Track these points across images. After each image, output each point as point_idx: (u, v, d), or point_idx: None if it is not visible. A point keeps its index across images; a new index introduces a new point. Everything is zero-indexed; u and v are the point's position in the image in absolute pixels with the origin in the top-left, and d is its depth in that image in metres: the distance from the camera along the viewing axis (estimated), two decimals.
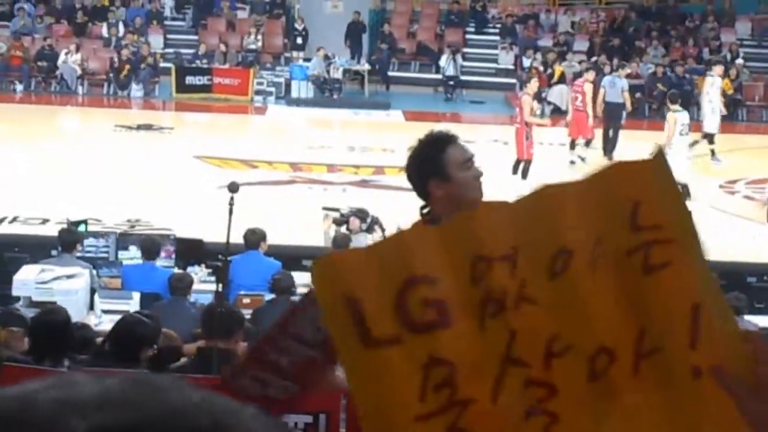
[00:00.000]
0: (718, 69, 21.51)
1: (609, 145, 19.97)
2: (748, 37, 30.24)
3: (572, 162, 19.36)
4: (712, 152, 19.88)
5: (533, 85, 17.89)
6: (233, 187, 6.25)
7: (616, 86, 20.84)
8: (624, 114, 20.64)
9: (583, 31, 29.69)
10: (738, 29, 30.27)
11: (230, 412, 0.83)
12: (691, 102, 25.23)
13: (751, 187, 18.30)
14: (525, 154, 17.06)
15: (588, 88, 19.43)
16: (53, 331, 5.76)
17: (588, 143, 19.89)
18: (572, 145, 19.75)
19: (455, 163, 3.94)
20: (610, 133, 20.11)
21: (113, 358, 5.89)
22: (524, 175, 17.06)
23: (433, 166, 3.94)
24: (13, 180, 16.36)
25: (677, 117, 16.81)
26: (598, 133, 20.16)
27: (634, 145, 18.07)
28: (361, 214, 12.78)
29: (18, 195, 15.37)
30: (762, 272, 12.78)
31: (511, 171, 17.18)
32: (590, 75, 20.12)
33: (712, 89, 20.46)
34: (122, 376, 0.85)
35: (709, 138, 19.97)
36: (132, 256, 11.15)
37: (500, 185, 16.81)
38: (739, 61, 28.04)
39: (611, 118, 20.13)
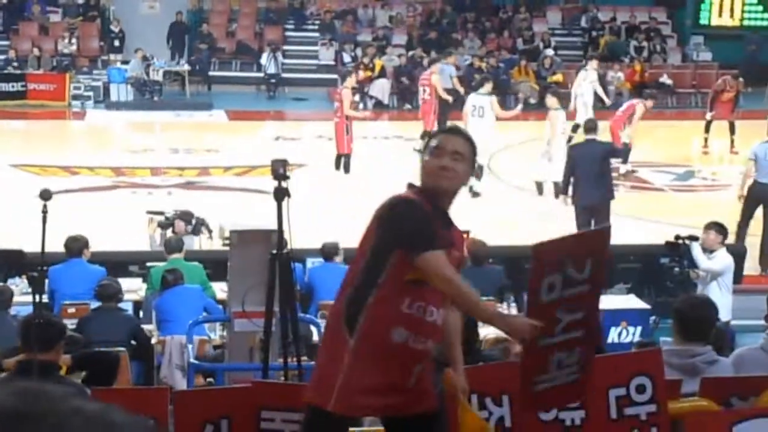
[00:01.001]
0: (594, 63, 21.63)
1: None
2: (559, 26, 31.16)
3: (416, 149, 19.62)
4: None
5: (352, 78, 17.98)
6: (45, 195, 6.13)
7: (445, 73, 21.18)
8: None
9: (401, 25, 30.07)
10: (549, 19, 31.16)
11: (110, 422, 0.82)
12: (507, 92, 25.93)
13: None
14: (346, 148, 17.19)
15: (435, 79, 19.61)
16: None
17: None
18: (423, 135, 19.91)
19: (429, 148, 4.52)
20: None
21: None
22: (346, 169, 17.20)
23: (423, 148, 4.64)
24: None
25: (559, 115, 16.61)
26: None
27: None
28: (186, 216, 12.68)
29: None
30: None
31: (334, 166, 17.29)
32: (436, 67, 20.31)
33: (585, 83, 20.56)
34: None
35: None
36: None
37: (324, 180, 16.97)
38: (550, 50, 28.87)
39: (446, 104, 20.33)
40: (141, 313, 10.43)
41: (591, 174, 13.63)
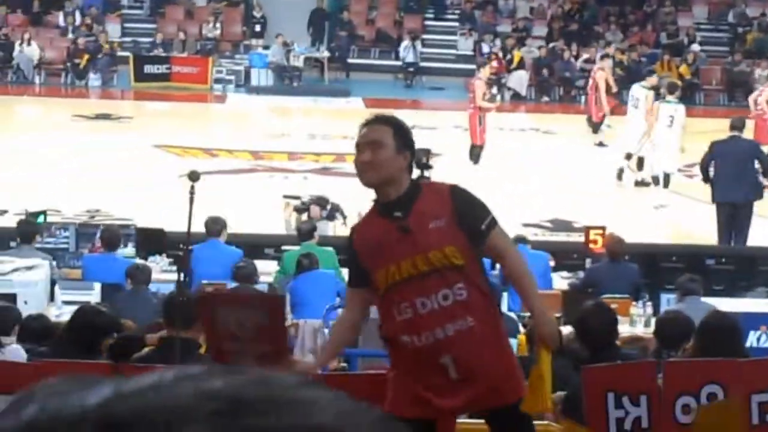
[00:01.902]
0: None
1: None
2: (705, 21, 30.45)
3: (600, 143, 19.57)
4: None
5: (486, 70, 17.89)
6: (194, 176, 6.20)
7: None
8: None
9: (542, 17, 29.77)
10: (695, 13, 30.47)
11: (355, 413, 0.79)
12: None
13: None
14: (478, 139, 17.10)
15: (600, 76, 19.35)
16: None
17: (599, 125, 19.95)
18: (595, 129, 19.90)
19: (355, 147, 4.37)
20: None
21: (72, 348, 5.86)
22: (476, 160, 17.09)
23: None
24: None
25: (663, 107, 15.91)
26: None
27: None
28: (321, 201, 12.78)
29: None
30: (720, 254, 12.90)
31: (468, 157, 17.19)
32: (604, 63, 20.04)
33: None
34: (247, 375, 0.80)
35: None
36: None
37: (460, 171, 16.90)
38: (695, 46, 28.23)
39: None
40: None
41: (732, 171, 13.27)
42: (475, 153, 17.09)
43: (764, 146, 14.94)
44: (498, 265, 11.06)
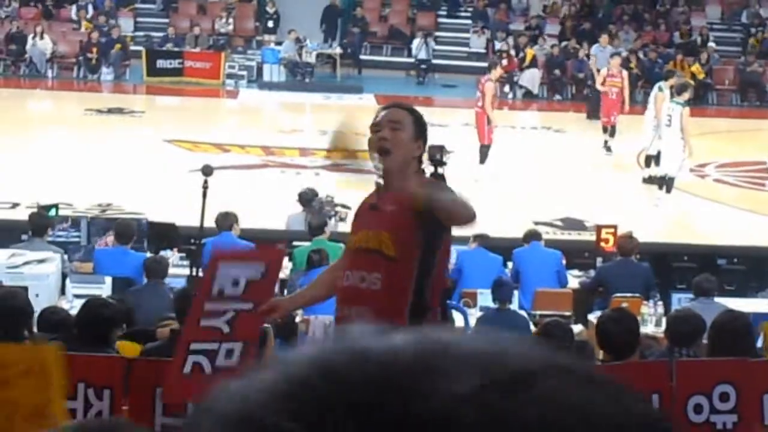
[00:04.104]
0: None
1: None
2: (718, 21, 30.37)
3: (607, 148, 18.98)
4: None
5: (497, 71, 17.73)
6: (207, 170, 6.22)
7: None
8: None
9: (555, 15, 29.72)
10: (708, 13, 30.38)
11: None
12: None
13: (720, 171, 18.41)
14: (486, 139, 17.02)
15: (624, 74, 19.10)
16: (12, 314, 5.75)
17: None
18: (604, 130, 19.18)
19: (370, 128, 4.43)
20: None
21: (82, 341, 5.85)
22: (483, 160, 16.99)
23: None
24: None
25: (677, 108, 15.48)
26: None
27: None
28: (330, 198, 12.81)
29: None
30: (732, 255, 12.87)
31: (479, 160, 17.03)
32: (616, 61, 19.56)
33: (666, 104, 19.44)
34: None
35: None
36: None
37: (470, 168, 16.89)
38: (711, 44, 28.15)
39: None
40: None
41: None
42: (483, 152, 17.01)
43: None
44: (510, 264, 11.14)
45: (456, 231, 4.56)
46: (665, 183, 15.60)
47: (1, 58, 26.34)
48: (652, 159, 16.61)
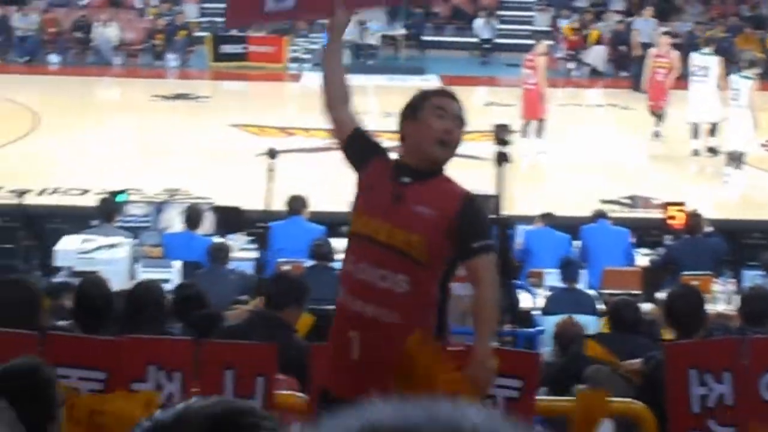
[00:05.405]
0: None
1: None
2: None
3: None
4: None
5: (543, 45, 17.69)
6: (272, 154, 6.24)
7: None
8: None
9: None
10: None
11: None
12: (730, 61, 24.94)
13: None
14: (543, 112, 16.96)
15: (673, 54, 18.28)
16: (97, 302, 5.78)
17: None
18: (652, 114, 18.52)
19: (429, 107, 4.15)
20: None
21: (132, 321, 5.85)
22: (539, 134, 16.94)
23: (412, 109, 4.23)
24: (53, 151, 16.47)
25: (739, 80, 15.36)
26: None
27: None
28: None
29: (57, 166, 15.48)
30: None
31: (535, 135, 16.94)
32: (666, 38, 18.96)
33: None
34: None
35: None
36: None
37: (531, 147, 16.79)
38: None
39: None
40: None
41: None
42: (541, 126, 16.94)
43: None
44: (578, 242, 11.04)
45: (519, 210, 4.49)
46: (734, 158, 15.38)
47: (67, 47, 26.65)
48: (714, 128, 16.48)
